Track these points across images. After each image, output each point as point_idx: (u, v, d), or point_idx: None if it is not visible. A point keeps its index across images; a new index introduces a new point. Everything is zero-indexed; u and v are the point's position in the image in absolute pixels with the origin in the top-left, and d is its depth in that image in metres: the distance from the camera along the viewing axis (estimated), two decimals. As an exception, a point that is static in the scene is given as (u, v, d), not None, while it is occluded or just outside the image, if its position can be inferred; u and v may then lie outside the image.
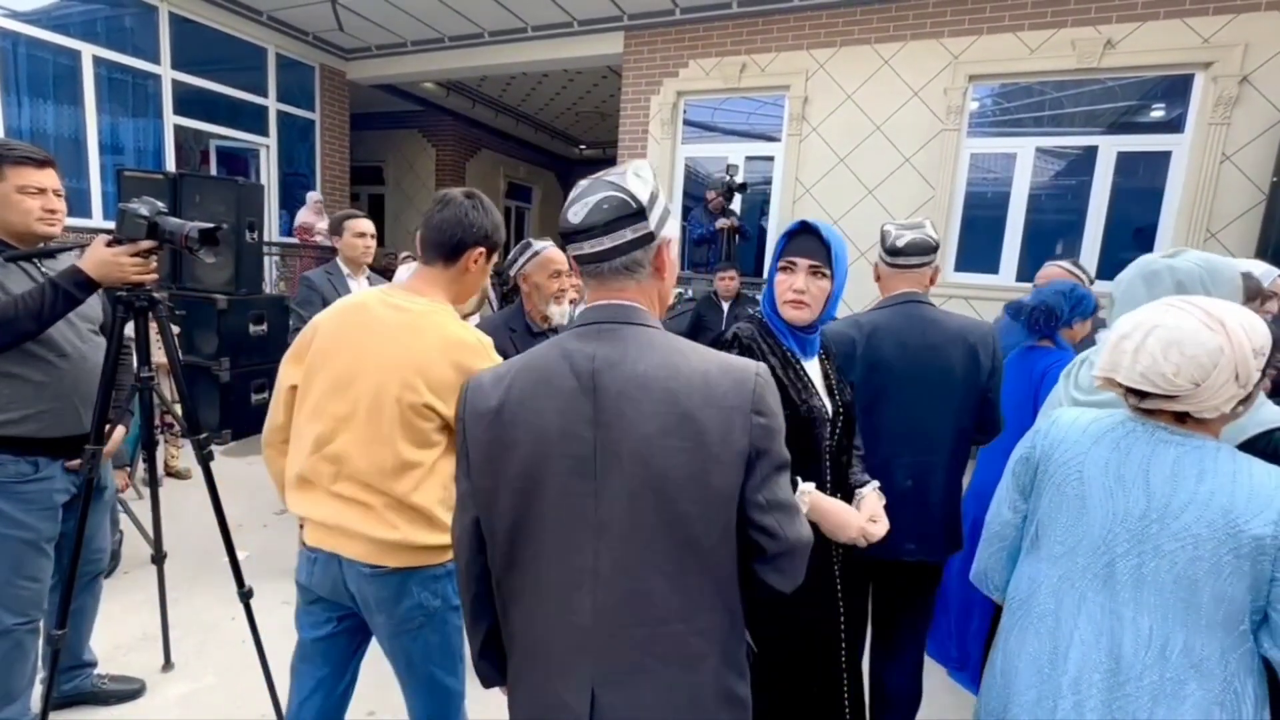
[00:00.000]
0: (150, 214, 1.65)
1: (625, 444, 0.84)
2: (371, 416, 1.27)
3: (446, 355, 1.27)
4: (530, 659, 0.93)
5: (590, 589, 0.86)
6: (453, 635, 1.40)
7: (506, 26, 6.15)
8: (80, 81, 5.12)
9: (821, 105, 5.24)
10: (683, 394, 0.84)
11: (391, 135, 9.73)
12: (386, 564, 1.29)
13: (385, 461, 1.27)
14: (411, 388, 1.24)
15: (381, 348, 1.27)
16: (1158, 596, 0.98)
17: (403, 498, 1.27)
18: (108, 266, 1.60)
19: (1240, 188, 4.14)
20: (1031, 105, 4.81)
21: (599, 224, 0.87)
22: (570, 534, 0.87)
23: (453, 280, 1.36)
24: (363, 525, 1.28)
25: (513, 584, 0.93)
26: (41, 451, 1.70)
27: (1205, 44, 4.12)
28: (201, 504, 2.02)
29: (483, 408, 0.91)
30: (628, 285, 0.91)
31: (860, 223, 5.18)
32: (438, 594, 1.35)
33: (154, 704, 2.10)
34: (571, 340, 0.90)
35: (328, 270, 2.96)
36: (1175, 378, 0.94)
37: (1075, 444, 1.09)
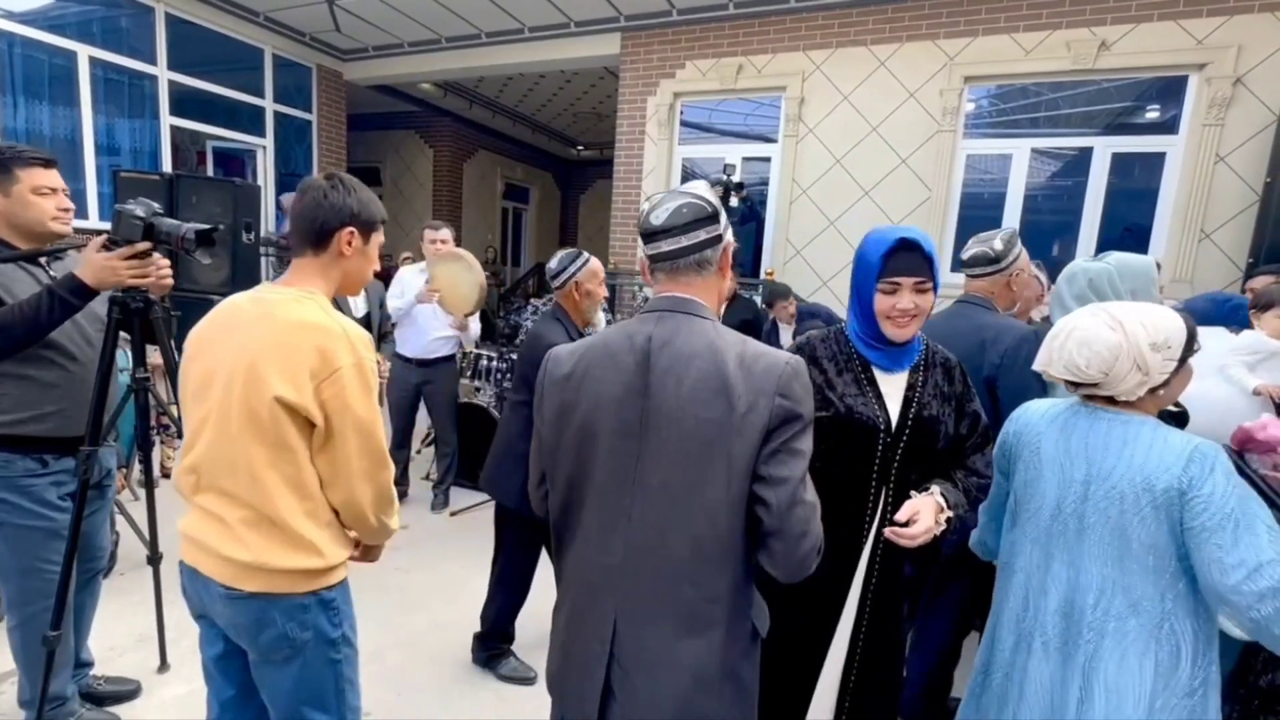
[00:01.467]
0: (146, 215, 1.65)
1: (665, 410, 0.97)
2: (222, 417, 1.16)
3: (297, 339, 1.15)
4: (572, 591, 1.09)
5: (623, 533, 1.00)
6: (325, 671, 1.26)
7: (503, 27, 6.15)
8: (76, 82, 5.11)
9: (818, 106, 5.25)
10: (720, 372, 0.96)
11: (389, 136, 9.73)
12: (242, 587, 1.18)
13: (236, 466, 1.16)
14: (258, 380, 1.13)
15: (236, 343, 1.17)
16: (1099, 547, 1.17)
17: (265, 509, 1.16)
18: (103, 271, 1.60)
19: (1234, 189, 4.15)
20: (1027, 106, 4.83)
21: (679, 225, 1.02)
22: (614, 485, 1.01)
23: (326, 266, 1.26)
24: (216, 541, 1.18)
25: (567, 526, 1.09)
26: (50, 450, 1.72)
27: (1199, 45, 4.14)
28: (197, 505, 2.01)
29: (558, 374, 1.06)
30: (694, 280, 1.05)
31: (856, 224, 5.19)
32: (306, 625, 1.21)
33: (150, 705, 2.10)
34: (636, 323, 1.05)
35: None
36: (1087, 369, 1.16)
37: (1034, 426, 1.30)
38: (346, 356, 1.16)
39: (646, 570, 0.99)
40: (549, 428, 1.08)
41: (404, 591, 2.90)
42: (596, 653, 1.02)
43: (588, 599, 1.06)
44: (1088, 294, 1.75)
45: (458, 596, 2.85)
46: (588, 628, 1.05)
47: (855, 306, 1.40)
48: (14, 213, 1.66)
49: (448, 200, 9.65)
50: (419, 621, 2.65)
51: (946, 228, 4.97)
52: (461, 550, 3.28)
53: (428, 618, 2.69)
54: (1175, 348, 1.15)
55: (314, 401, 1.14)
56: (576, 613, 1.08)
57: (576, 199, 13.05)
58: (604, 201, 7.97)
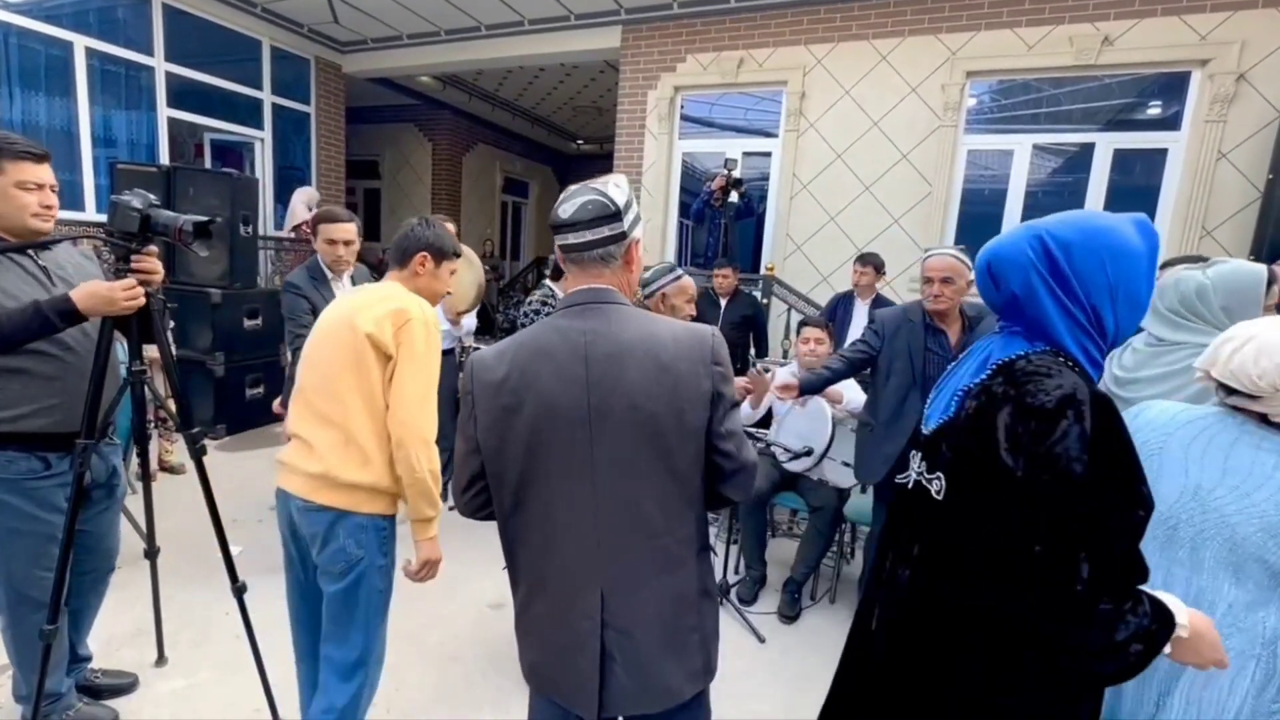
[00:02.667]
0: (143, 207, 1.63)
1: (617, 395, 1.04)
2: (326, 354, 1.53)
3: (382, 301, 1.54)
4: (543, 583, 1.12)
5: (593, 514, 1.07)
6: (371, 598, 1.56)
7: (503, 20, 6.12)
8: (73, 73, 5.07)
9: (819, 101, 5.23)
10: (658, 352, 1.05)
11: (387, 129, 9.68)
12: (315, 499, 1.47)
13: (328, 386, 1.51)
14: (353, 327, 1.49)
15: (342, 312, 1.57)
16: (1214, 560, 1.13)
17: (345, 427, 1.48)
18: (98, 301, 1.58)
19: (1236, 185, 4.15)
20: (1029, 102, 4.81)
21: (583, 220, 1.08)
22: (573, 475, 1.06)
23: (406, 279, 1.66)
24: (301, 461, 1.51)
25: (519, 525, 1.12)
26: (51, 447, 1.70)
27: (1202, 41, 4.12)
28: (195, 499, 2.01)
29: (489, 379, 1.08)
30: (603, 272, 1.11)
31: (857, 219, 5.18)
32: (362, 545, 1.51)
33: (147, 699, 2.10)
34: (562, 319, 1.09)
35: (311, 274, 2.77)
36: (1259, 380, 1.10)
37: (1161, 428, 1.25)
38: (416, 313, 1.52)
39: (624, 540, 1.08)
40: (488, 433, 1.09)
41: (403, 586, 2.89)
42: (587, 628, 1.08)
43: (566, 586, 1.10)
44: (1181, 311, 1.62)
45: (458, 591, 2.85)
46: (573, 610, 1.09)
47: (1110, 316, 0.99)
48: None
49: (447, 194, 9.61)
50: (420, 616, 2.65)
51: (947, 224, 4.96)
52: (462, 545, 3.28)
53: (429, 612, 2.69)
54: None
55: (391, 340, 1.49)
56: (555, 601, 1.12)
57: (576, 193, 13.00)
58: (603, 196, 7.94)
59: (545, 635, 1.14)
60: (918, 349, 2.45)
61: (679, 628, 1.12)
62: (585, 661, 1.08)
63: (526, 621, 1.17)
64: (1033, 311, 1.00)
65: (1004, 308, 1.05)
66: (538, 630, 1.15)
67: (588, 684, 1.08)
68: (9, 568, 1.74)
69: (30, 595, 1.75)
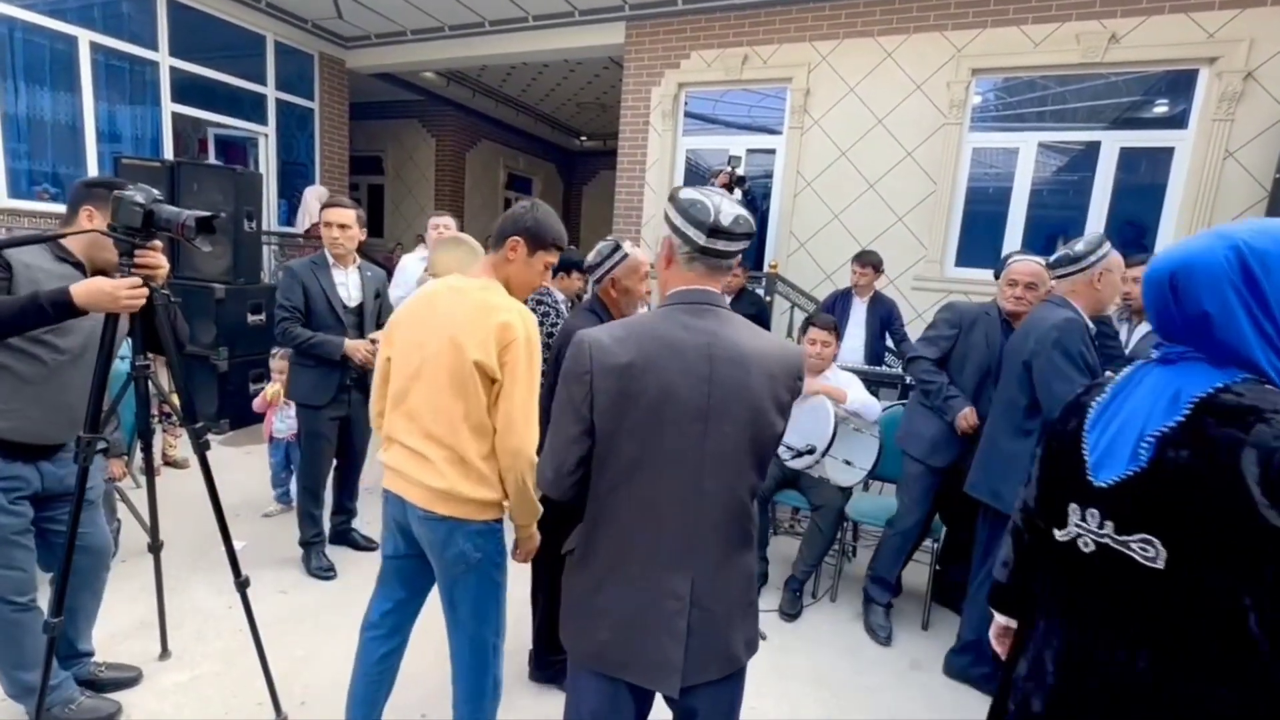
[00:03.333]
0: (146, 202, 1.63)
1: (736, 397, 1.13)
2: (432, 375, 1.51)
3: (483, 317, 1.49)
4: (626, 564, 1.18)
5: (696, 503, 1.15)
6: (491, 590, 1.62)
7: (507, 16, 6.11)
8: (77, 68, 5.08)
9: (823, 98, 5.21)
10: (767, 362, 1.16)
11: (391, 125, 9.68)
12: (436, 510, 1.52)
13: (440, 414, 1.50)
14: (458, 349, 1.47)
15: (439, 319, 1.54)
16: None
17: (458, 450, 1.50)
18: (100, 297, 1.57)
19: (1243, 184, 4.12)
20: (1034, 100, 4.78)
21: (739, 233, 1.17)
22: (682, 464, 1.14)
23: (499, 263, 1.60)
24: (419, 473, 1.53)
25: (614, 507, 1.18)
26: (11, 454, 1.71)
27: (1210, 39, 4.09)
28: (199, 493, 2.02)
29: (611, 363, 1.12)
30: (720, 279, 1.21)
31: (861, 217, 5.16)
32: (480, 548, 1.56)
33: (151, 691, 2.11)
34: (682, 315, 1.17)
35: (313, 261, 2.84)
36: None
37: None
38: (521, 331, 1.48)
39: (718, 526, 1.17)
40: (606, 415, 1.13)
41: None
42: (675, 609, 1.15)
43: (655, 567, 1.16)
44: None
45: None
46: (660, 591, 1.16)
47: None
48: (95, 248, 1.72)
49: (450, 190, 9.61)
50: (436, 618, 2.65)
51: (951, 222, 4.95)
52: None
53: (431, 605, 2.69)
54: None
55: (497, 364, 1.47)
56: (639, 582, 1.17)
57: (579, 190, 13.00)
58: (607, 193, 7.93)
59: (623, 616, 1.17)
60: (995, 342, 2.59)
61: (745, 601, 1.23)
62: (670, 640, 1.14)
63: (598, 603, 1.20)
64: (1227, 334, 0.86)
65: (1183, 327, 0.90)
66: (613, 611, 1.18)
67: (671, 662, 1.14)
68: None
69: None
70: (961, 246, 4.99)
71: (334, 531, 3.14)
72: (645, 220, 5.95)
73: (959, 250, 5.00)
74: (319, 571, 2.87)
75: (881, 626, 2.73)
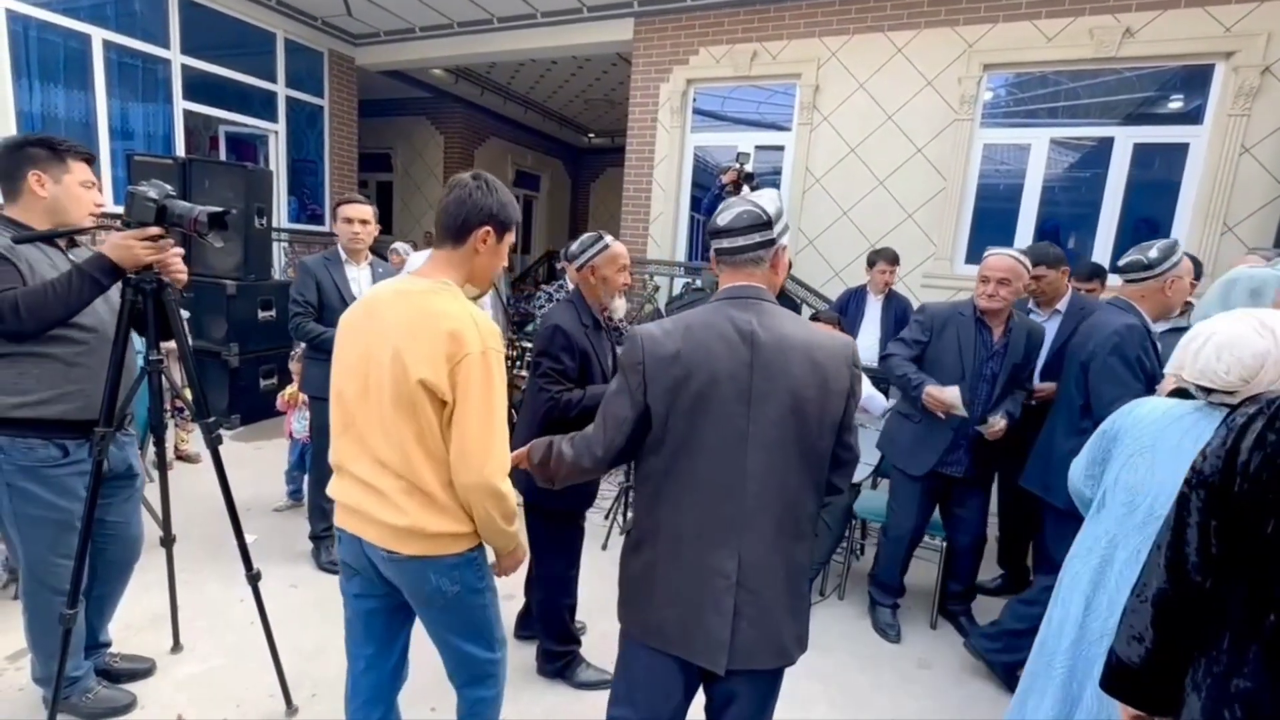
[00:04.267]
0: (159, 197, 1.65)
1: (779, 383, 1.20)
2: (377, 394, 1.31)
3: (433, 327, 1.27)
4: (679, 542, 1.24)
5: (741, 484, 1.21)
6: (477, 613, 1.46)
7: (515, 12, 6.10)
8: (90, 66, 5.12)
9: (833, 94, 5.18)
10: (813, 349, 1.22)
11: (400, 122, 9.71)
12: (401, 551, 1.33)
13: (390, 438, 1.31)
14: (401, 364, 1.27)
15: (380, 327, 1.33)
16: None
17: (413, 479, 1.31)
18: (120, 250, 1.63)
19: (1259, 181, 4.07)
20: (1046, 95, 4.73)
21: (738, 228, 1.24)
22: (728, 445, 1.20)
23: (463, 260, 1.38)
24: (377, 510, 1.33)
25: (668, 486, 1.25)
26: (70, 435, 1.73)
27: (1227, 33, 4.04)
28: (210, 488, 2.04)
29: (662, 353, 1.21)
30: (755, 272, 1.27)
31: (870, 214, 5.13)
32: (456, 580, 1.39)
33: (164, 683, 2.13)
34: (728, 308, 1.24)
35: (326, 256, 2.89)
36: (1227, 375, 1.13)
37: (1152, 425, 1.32)
38: (475, 344, 1.27)
39: (765, 508, 1.22)
40: (659, 400, 1.21)
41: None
42: (722, 587, 1.21)
43: (704, 546, 1.22)
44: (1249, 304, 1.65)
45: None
46: (708, 569, 1.22)
47: None
48: (60, 203, 1.70)
49: (458, 187, 9.62)
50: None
51: (962, 219, 4.91)
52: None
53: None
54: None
55: (447, 383, 1.27)
56: (690, 560, 1.23)
57: (587, 186, 13.00)
58: (615, 189, 7.93)
59: (674, 593, 1.24)
60: (968, 343, 2.53)
61: (795, 593, 1.29)
62: (718, 618, 1.21)
63: (650, 580, 1.27)
64: None
65: None
66: (664, 587, 1.25)
67: (718, 639, 1.21)
68: (28, 555, 1.77)
69: (47, 582, 1.78)
70: (972, 244, 4.95)
71: None
72: (653, 217, 5.94)
73: (969, 247, 4.97)
74: (329, 565, 2.90)
75: (890, 625, 2.73)
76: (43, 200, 1.69)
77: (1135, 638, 0.99)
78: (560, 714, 2.15)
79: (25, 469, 1.69)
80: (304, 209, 7.18)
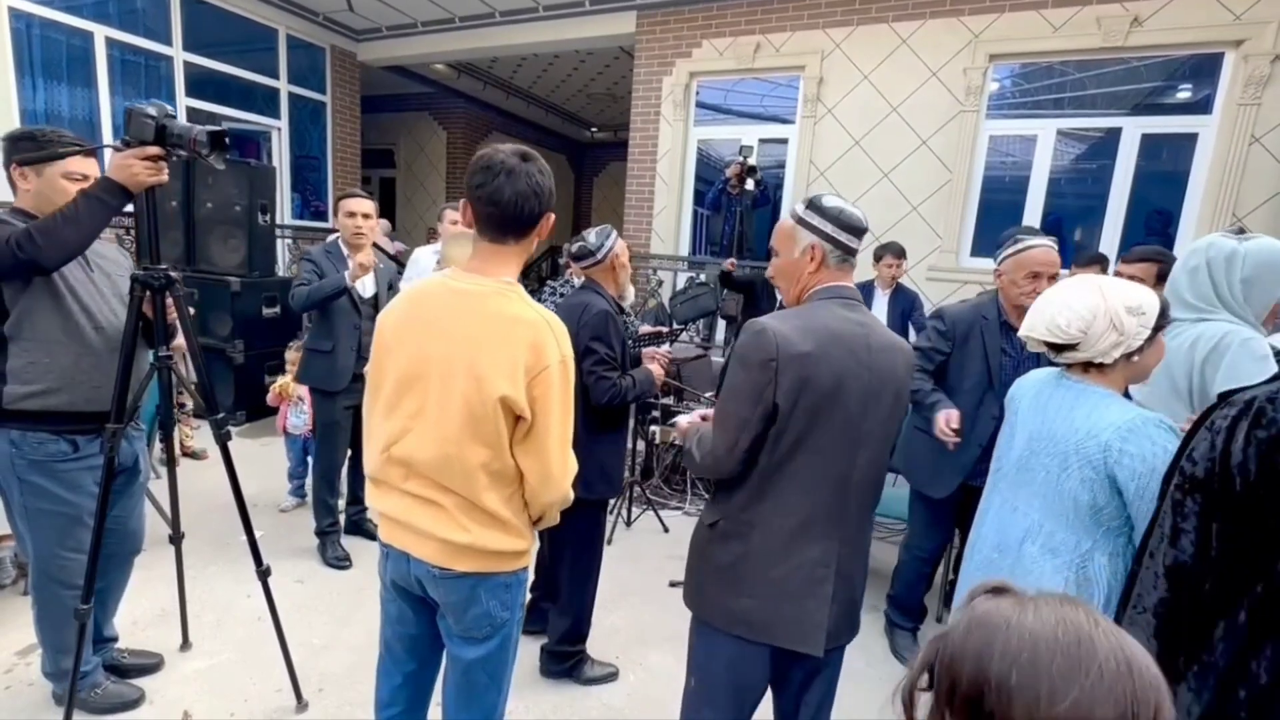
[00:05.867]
0: (158, 115, 1.65)
1: (888, 382, 1.27)
2: (441, 414, 1.18)
3: (512, 335, 1.15)
4: (781, 533, 1.26)
5: (850, 479, 1.27)
6: (509, 649, 1.37)
7: (517, 6, 6.08)
8: (93, 63, 5.12)
9: (837, 86, 5.14)
10: (904, 351, 1.33)
11: (402, 118, 9.69)
12: (455, 567, 1.23)
13: (454, 462, 1.18)
14: (479, 380, 1.14)
15: (447, 338, 1.18)
16: (1039, 497, 1.37)
17: (473, 499, 1.20)
18: (122, 170, 1.64)
19: (1269, 170, 4.02)
20: (1053, 86, 4.69)
21: (866, 229, 1.34)
22: (845, 442, 1.25)
23: (524, 252, 1.27)
24: (432, 525, 1.22)
25: (778, 482, 1.26)
26: (79, 429, 1.75)
27: (1237, 21, 3.99)
28: (214, 484, 2.04)
29: (795, 352, 1.21)
30: (850, 274, 1.35)
31: (876, 207, 5.09)
32: (507, 605, 1.30)
33: (172, 678, 2.14)
34: (840, 310, 1.28)
35: (327, 248, 2.89)
36: (1068, 328, 1.30)
37: (1024, 391, 1.50)
38: (554, 353, 1.17)
39: (861, 500, 1.30)
40: (786, 397, 1.22)
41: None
42: (822, 575, 1.27)
43: (807, 539, 1.26)
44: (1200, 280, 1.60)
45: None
46: (810, 559, 1.26)
47: None
48: (44, 195, 1.69)
49: (461, 182, 9.61)
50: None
51: (967, 212, 4.87)
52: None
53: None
54: (1150, 315, 1.28)
55: (526, 397, 1.16)
56: (790, 551, 1.26)
57: (590, 181, 12.97)
58: (618, 184, 7.90)
59: (771, 583, 1.27)
60: (994, 350, 2.23)
61: (865, 573, 1.37)
62: (817, 605, 1.26)
63: (741, 571, 1.29)
64: None
65: None
66: (759, 578, 1.27)
67: (819, 624, 1.26)
68: (37, 549, 1.78)
69: (56, 576, 1.80)
70: (977, 236, 4.92)
71: (349, 522, 3.16)
72: (657, 211, 5.92)
73: (975, 240, 4.93)
74: (335, 561, 2.90)
75: (910, 650, 2.53)
76: (28, 193, 1.70)
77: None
78: (566, 711, 2.16)
79: (36, 464, 1.70)
80: (307, 205, 7.18)
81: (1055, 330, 1.32)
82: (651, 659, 2.42)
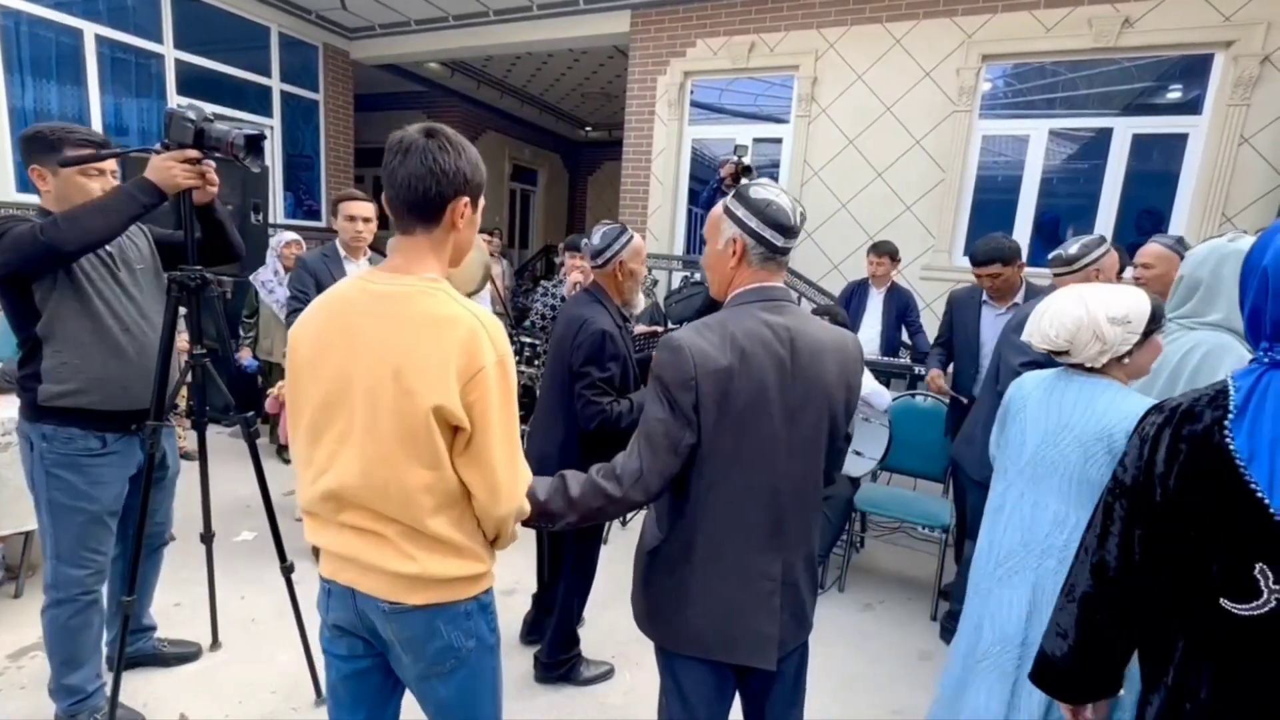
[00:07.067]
0: (197, 119, 1.68)
1: (816, 387, 1.21)
2: (369, 436, 1.04)
3: (439, 338, 1.02)
4: (722, 552, 1.23)
5: (784, 489, 1.22)
6: (484, 680, 1.23)
7: (511, 5, 6.06)
8: (83, 61, 5.08)
9: (831, 86, 5.16)
10: (840, 353, 1.25)
11: (396, 117, 9.58)
12: (406, 601, 1.10)
13: (390, 487, 1.05)
14: (408, 393, 1.01)
15: (369, 348, 1.04)
16: (1062, 489, 1.42)
17: (416, 525, 1.07)
18: (160, 171, 1.65)
19: (1258, 171, 4.06)
20: (1045, 86, 4.72)
21: (799, 228, 1.23)
22: (772, 453, 1.20)
23: (439, 244, 1.10)
24: (377, 557, 1.09)
25: (715, 498, 1.22)
26: (108, 426, 1.76)
27: (1227, 22, 4.02)
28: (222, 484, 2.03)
29: (713, 367, 1.16)
30: (780, 273, 1.27)
31: (869, 206, 5.12)
32: (470, 633, 1.16)
33: (168, 680, 2.14)
34: (764, 313, 1.21)
35: (324, 253, 2.82)
36: (1056, 337, 1.41)
37: (1030, 391, 1.54)
38: (490, 353, 1.04)
39: (802, 511, 1.26)
40: (709, 414, 1.17)
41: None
42: (769, 589, 1.23)
43: (748, 553, 1.23)
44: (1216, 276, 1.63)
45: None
46: (754, 574, 1.23)
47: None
48: (64, 193, 1.69)
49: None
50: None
51: (960, 211, 4.90)
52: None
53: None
54: (1137, 323, 1.36)
55: (461, 404, 1.02)
56: (735, 569, 1.23)
57: (584, 181, 12.96)
58: (612, 183, 7.89)
59: (716, 600, 1.23)
60: None
61: (813, 574, 1.35)
62: (767, 618, 1.24)
63: (685, 591, 1.25)
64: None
65: None
66: (704, 597, 1.23)
67: (770, 638, 1.24)
68: (57, 545, 1.77)
69: (73, 575, 1.78)
70: (970, 236, 4.95)
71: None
72: (651, 210, 5.92)
73: (968, 239, 4.96)
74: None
75: None
76: (48, 193, 1.70)
77: (1060, 634, 1.04)
78: (565, 710, 2.16)
79: (64, 457, 1.72)
80: (300, 205, 7.14)
81: (1046, 339, 1.43)
82: (648, 657, 2.39)
